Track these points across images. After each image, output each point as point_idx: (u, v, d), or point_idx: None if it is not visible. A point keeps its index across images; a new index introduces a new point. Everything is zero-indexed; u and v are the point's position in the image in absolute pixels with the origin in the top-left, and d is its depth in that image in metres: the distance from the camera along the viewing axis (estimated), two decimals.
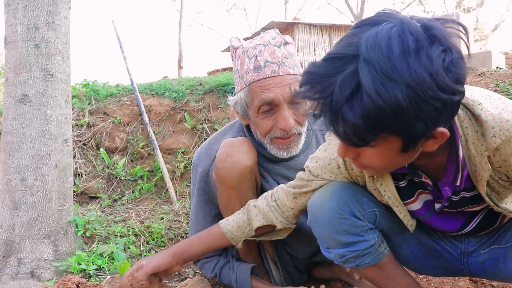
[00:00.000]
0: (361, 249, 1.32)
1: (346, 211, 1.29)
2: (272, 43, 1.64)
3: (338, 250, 1.33)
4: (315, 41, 18.26)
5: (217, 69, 6.69)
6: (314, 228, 1.37)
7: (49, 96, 2.26)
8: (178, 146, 3.59)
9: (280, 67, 1.61)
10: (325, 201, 1.31)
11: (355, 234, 1.30)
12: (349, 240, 1.30)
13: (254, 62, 1.61)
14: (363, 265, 1.35)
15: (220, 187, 1.69)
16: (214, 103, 3.71)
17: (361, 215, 1.31)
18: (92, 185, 3.35)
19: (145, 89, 3.94)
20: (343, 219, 1.29)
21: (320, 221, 1.32)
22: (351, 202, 1.30)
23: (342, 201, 1.29)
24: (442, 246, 1.42)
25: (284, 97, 1.59)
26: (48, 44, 2.26)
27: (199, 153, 1.86)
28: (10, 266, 2.12)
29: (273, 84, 1.59)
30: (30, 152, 2.21)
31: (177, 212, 2.93)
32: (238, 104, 1.70)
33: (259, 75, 1.60)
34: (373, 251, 1.33)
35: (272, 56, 1.61)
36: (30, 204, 2.20)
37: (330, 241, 1.34)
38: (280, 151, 1.69)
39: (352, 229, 1.30)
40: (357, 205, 1.31)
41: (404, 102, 0.84)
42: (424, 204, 1.32)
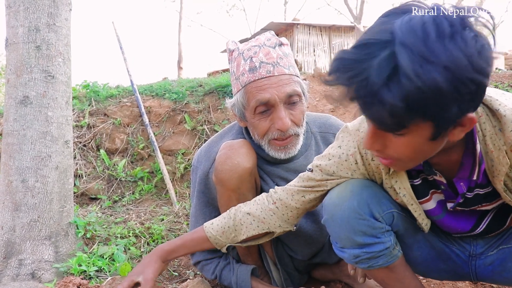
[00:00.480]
0: (376, 251, 1.30)
1: (365, 212, 1.27)
2: (267, 44, 1.65)
3: (353, 251, 1.32)
4: (315, 41, 18.27)
5: (217, 70, 6.69)
6: (330, 227, 1.35)
7: (50, 98, 2.26)
8: (178, 147, 3.59)
9: (275, 67, 1.61)
10: (344, 200, 1.29)
11: (373, 235, 1.29)
12: (366, 241, 1.29)
13: (249, 63, 1.62)
14: (375, 266, 1.33)
15: (220, 189, 1.70)
16: (214, 104, 3.72)
17: (380, 216, 1.29)
18: (93, 186, 3.36)
19: (145, 90, 3.94)
20: (362, 220, 1.27)
21: (338, 220, 1.30)
22: (371, 202, 1.28)
23: (363, 201, 1.28)
24: (450, 248, 1.42)
25: (280, 97, 1.60)
26: (49, 46, 2.26)
27: (199, 155, 1.86)
28: (11, 268, 2.13)
29: (268, 85, 1.60)
30: (31, 153, 2.21)
31: (177, 213, 2.93)
32: (236, 107, 1.71)
33: (254, 76, 1.61)
34: (387, 253, 1.32)
35: (267, 57, 1.62)
36: (31, 206, 2.20)
37: (346, 241, 1.32)
38: (278, 152, 1.69)
39: (370, 230, 1.28)
40: (377, 206, 1.29)
41: (443, 83, 0.85)
42: (438, 203, 1.32)
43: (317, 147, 1.85)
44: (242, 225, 1.51)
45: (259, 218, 1.49)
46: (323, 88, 3.87)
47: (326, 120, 1.92)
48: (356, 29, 17.97)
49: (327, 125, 1.90)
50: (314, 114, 1.96)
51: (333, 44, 18.72)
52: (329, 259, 1.99)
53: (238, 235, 1.53)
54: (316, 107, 3.63)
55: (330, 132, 1.89)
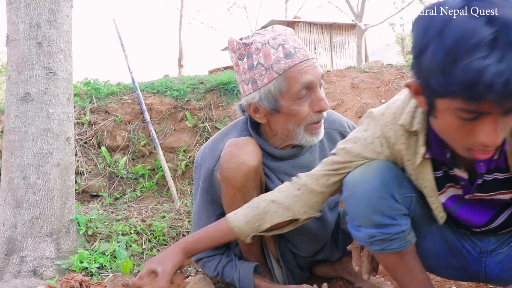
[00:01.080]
0: (392, 233, 1.29)
1: (387, 191, 1.26)
2: (288, 33, 1.64)
3: (369, 230, 1.30)
4: (316, 39, 18.27)
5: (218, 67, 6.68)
6: (349, 204, 1.34)
7: (51, 95, 2.26)
8: (179, 145, 3.59)
9: (307, 52, 1.62)
10: (367, 178, 1.28)
11: (390, 216, 1.28)
12: (383, 221, 1.28)
13: (283, 50, 1.58)
14: (388, 250, 1.32)
15: (225, 187, 1.69)
16: (215, 101, 3.71)
17: (399, 198, 1.28)
18: (94, 184, 3.36)
19: (146, 87, 3.93)
20: (383, 199, 1.26)
21: (359, 197, 1.29)
22: (393, 183, 1.27)
23: (385, 181, 1.27)
24: (462, 244, 1.41)
25: (317, 78, 1.59)
26: (50, 42, 2.25)
27: (203, 153, 1.85)
28: (13, 264, 2.13)
29: (308, 67, 1.58)
30: (32, 150, 2.21)
31: (178, 210, 2.93)
32: (264, 99, 1.62)
33: (294, 61, 1.57)
34: (402, 237, 1.30)
35: (296, 43, 1.60)
36: (32, 203, 2.20)
37: (363, 219, 1.30)
38: (312, 137, 1.67)
39: (389, 211, 1.27)
40: (398, 187, 1.28)
41: None
42: (450, 198, 1.31)
43: (321, 143, 1.84)
44: (266, 214, 1.48)
45: (284, 206, 1.47)
46: (325, 86, 3.86)
47: (330, 116, 1.90)
48: (357, 27, 17.95)
49: (330, 121, 1.89)
50: None
51: (334, 42, 18.72)
52: (331, 256, 1.99)
53: (262, 224, 1.50)
54: None
55: (334, 128, 1.88)
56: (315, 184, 1.43)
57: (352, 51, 18.91)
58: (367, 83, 3.81)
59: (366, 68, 4.20)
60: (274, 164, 1.77)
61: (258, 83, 1.63)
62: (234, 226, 1.50)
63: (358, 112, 3.39)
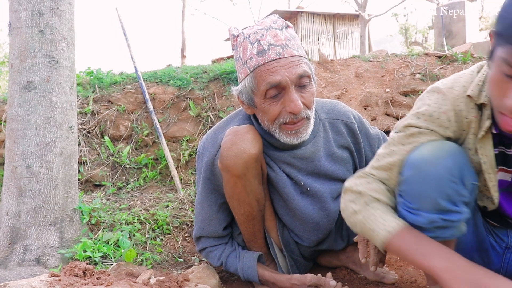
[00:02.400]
0: (452, 220, 1.21)
1: (458, 175, 1.18)
2: (274, 27, 1.62)
3: (430, 215, 1.20)
4: (319, 30, 18.17)
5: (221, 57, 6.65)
6: (413, 184, 1.23)
7: (54, 83, 2.24)
8: (182, 134, 3.57)
9: (285, 49, 1.58)
10: (440, 157, 1.18)
11: (454, 203, 1.19)
12: (448, 207, 1.19)
13: (257, 46, 1.58)
14: (440, 238, 1.22)
15: (226, 175, 1.68)
16: (218, 91, 3.69)
17: (468, 184, 1.21)
18: (97, 173, 3.35)
19: (149, 77, 3.91)
20: (453, 183, 1.17)
21: (427, 177, 1.19)
22: (465, 167, 1.20)
23: (458, 164, 1.19)
24: (489, 239, 1.39)
25: (291, 79, 1.56)
26: (53, 30, 2.24)
27: (205, 141, 1.84)
28: (17, 253, 2.13)
29: (278, 67, 1.56)
30: (35, 139, 2.20)
31: (182, 200, 2.92)
32: (243, 93, 1.67)
33: (264, 59, 1.57)
34: (457, 226, 1.23)
35: (275, 39, 1.58)
36: (36, 191, 2.20)
37: (427, 202, 1.20)
38: (289, 137, 1.66)
39: (455, 196, 1.19)
40: (468, 173, 1.21)
41: None
42: (498, 182, 1.27)
43: (325, 134, 1.83)
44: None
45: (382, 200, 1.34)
46: (328, 75, 3.84)
47: (335, 106, 1.89)
48: (360, 18, 17.84)
49: (335, 112, 1.87)
50: (322, 100, 1.94)
51: (337, 33, 18.61)
52: (335, 245, 1.98)
53: None
54: (322, 93, 3.60)
55: (338, 119, 1.86)
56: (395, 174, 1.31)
57: (355, 42, 18.81)
58: (372, 72, 3.78)
59: (370, 57, 4.16)
60: (275, 154, 1.76)
61: (239, 76, 1.68)
62: None
63: (363, 101, 3.36)
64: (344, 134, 1.86)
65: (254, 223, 1.79)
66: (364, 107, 3.36)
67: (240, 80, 1.68)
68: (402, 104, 3.26)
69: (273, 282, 1.76)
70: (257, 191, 1.70)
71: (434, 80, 3.32)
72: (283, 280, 1.75)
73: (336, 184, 1.84)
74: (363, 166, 1.92)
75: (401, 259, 2.18)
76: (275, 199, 1.83)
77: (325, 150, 1.82)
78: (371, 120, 3.33)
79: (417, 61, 3.76)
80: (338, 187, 1.86)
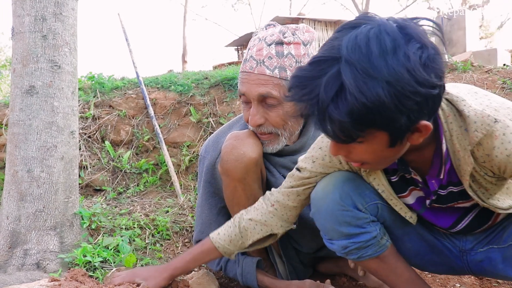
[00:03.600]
0: (363, 241, 1.33)
1: (348, 204, 1.31)
2: (266, 40, 1.63)
3: (340, 242, 1.36)
4: (320, 36, 18.19)
5: (222, 63, 6.67)
6: (317, 219, 1.40)
7: (56, 88, 2.25)
8: (183, 140, 3.58)
9: (258, 66, 1.60)
10: (328, 193, 1.33)
11: (357, 226, 1.32)
12: (351, 231, 1.33)
13: (246, 53, 1.66)
14: (365, 257, 1.36)
15: (226, 179, 1.69)
16: (219, 97, 3.71)
17: (363, 207, 1.33)
18: (97, 178, 3.36)
19: (150, 82, 3.93)
20: (346, 211, 1.31)
21: (323, 212, 1.35)
22: (353, 194, 1.32)
23: (345, 194, 1.31)
24: (442, 242, 1.43)
25: (252, 95, 1.61)
26: (56, 35, 2.25)
27: (206, 145, 1.86)
28: (16, 257, 2.13)
29: (247, 80, 1.62)
30: (36, 143, 2.21)
31: (182, 205, 2.93)
32: None
33: (242, 67, 1.65)
34: (375, 243, 1.35)
35: (257, 53, 1.62)
36: (36, 196, 2.20)
37: (332, 232, 1.36)
38: (264, 146, 1.72)
39: (354, 220, 1.32)
40: (359, 197, 1.32)
41: (386, 98, 0.89)
42: (417, 200, 1.34)
43: None
44: (247, 231, 1.56)
45: (261, 222, 1.54)
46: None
47: None
48: None
49: None
50: None
51: None
52: (334, 252, 1.98)
53: (245, 241, 1.57)
54: None
55: None
56: (287, 200, 1.49)
57: None
58: None
59: None
60: (275, 159, 1.78)
61: None
62: (219, 246, 1.58)
63: None
64: None
65: None
66: None
67: None
68: None
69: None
70: (257, 195, 1.71)
71: None
72: (282, 286, 1.75)
73: None
74: None
75: None
76: None
77: None
78: None
79: None
80: None
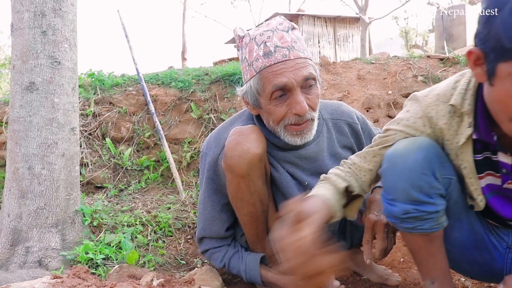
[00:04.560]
0: (426, 211, 1.27)
1: (428, 168, 1.26)
2: (280, 28, 1.62)
3: (404, 205, 1.28)
4: (319, 32, 18.18)
5: (223, 59, 6.64)
6: (388, 176, 1.32)
7: (56, 84, 2.24)
8: (184, 136, 3.57)
9: (291, 51, 1.58)
10: (411, 151, 1.27)
11: (428, 194, 1.26)
12: (420, 198, 1.26)
13: (263, 48, 1.58)
14: (418, 230, 1.30)
15: (229, 175, 1.68)
16: (220, 93, 3.69)
17: (440, 177, 1.27)
18: (98, 175, 3.34)
19: (150, 79, 3.91)
20: (423, 175, 1.25)
21: (399, 170, 1.27)
22: (436, 161, 1.27)
23: (428, 157, 1.26)
24: (489, 238, 1.40)
25: (297, 81, 1.56)
26: (55, 31, 2.23)
27: (208, 141, 1.84)
28: (18, 255, 2.12)
29: (285, 69, 1.56)
30: (37, 140, 2.19)
31: (184, 202, 2.91)
32: (248, 94, 1.67)
33: (270, 61, 1.57)
34: (435, 218, 1.29)
35: (281, 41, 1.58)
36: (37, 193, 2.19)
37: (401, 193, 1.28)
38: (294, 137, 1.66)
39: (428, 188, 1.26)
40: (440, 166, 1.28)
41: None
42: (487, 186, 1.31)
43: (328, 134, 1.82)
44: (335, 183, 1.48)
45: (341, 175, 1.49)
46: (330, 77, 3.83)
47: (338, 107, 1.89)
48: (361, 20, 17.86)
49: (338, 112, 1.87)
50: (325, 101, 1.94)
51: (338, 35, 18.62)
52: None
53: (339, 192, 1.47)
54: (324, 95, 3.59)
55: (341, 119, 1.86)
56: (363, 162, 1.46)
57: (356, 45, 18.83)
58: (374, 75, 3.78)
59: (372, 59, 4.16)
60: (279, 154, 1.76)
61: (245, 77, 1.68)
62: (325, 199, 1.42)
63: (365, 104, 3.36)
64: (348, 135, 1.86)
65: (257, 224, 1.78)
66: (366, 109, 3.35)
67: (246, 81, 1.68)
68: None
69: (276, 284, 1.75)
70: (261, 191, 1.69)
71: (436, 82, 3.31)
72: (286, 281, 1.73)
73: None
74: None
75: (404, 262, 2.17)
76: (278, 200, 1.82)
77: (329, 150, 1.82)
78: (373, 122, 3.32)
79: (419, 63, 3.76)
80: None
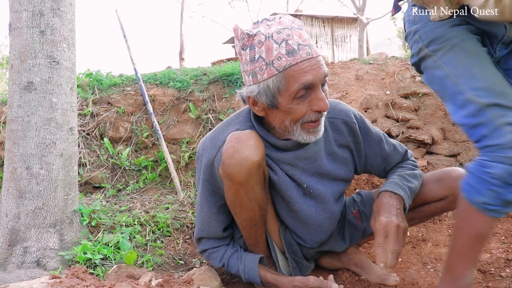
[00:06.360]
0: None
1: None
2: (295, 27, 1.58)
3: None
4: (317, 33, 18.23)
5: (221, 59, 6.64)
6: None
7: (54, 84, 2.23)
8: (182, 136, 3.56)
9: (312, 49, 1.55)
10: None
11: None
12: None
13: (285, 46, 1.53)
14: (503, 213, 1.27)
15: (228, 183, 1.65)
16: (218, 93, 3.69)
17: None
18: (96, 175, 3.34)
19: (149, 79, 3.90)
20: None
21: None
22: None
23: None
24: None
25: (320, 78, 1.54)
26: (54, 31, 2.23)
27: (204, 143, 1.82)
28: (16, 255, 2.11)
29: (309, 67, 1.53)
30: (35, 140, 2.19)
31: (182, 202, 2.91)
32: (263, 94, 1.59)
33: (295, 59, 1.52)
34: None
35: (302, 39, 1.55)
36: (36, 193, 2.18)
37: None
38: (309, 135, 1.63)
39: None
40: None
41: None
42: None
43: (325, 133, 1.79)
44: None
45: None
46: (329, 77, 3.83)
47: (335, 106, 1.87)
48: (359, 21, 17.87)
49: (336, 111, 1.86)
50: None
51: (336, 36, 18.66)
52: (337, 247, 1.98)
53: None
54: None
55: (338, 118, 1.84)
56: None
57: (354, 45, 18.86)
58: (372, 75, 3.78)
59: (371, 60, 4.16)
60: (277, 155, 1.75)
61: (258, 77, 1.59)
62: None
63: (363, 104, 3.36)
64: (344, 133, 1.84)
65: (256, 228, 1.78)
66: (364, 110, 3.35)
67: (257, 81, 1.60)
68: (402, 107, 3.25)
69: (275, 284, 1.75)
70: (259, 197, 1.68)
71: None
72: (285, 282, 1.73)
73: (338, 185, 1.84)
74: (363, 165, 1.92)
75: (403, 261, 2.18)
76: (277, 202, 1.82)
77: (326, 149, 1.81)
78: (371, 122, 3.32)
79: None
80: (340, 187, 1.85)
